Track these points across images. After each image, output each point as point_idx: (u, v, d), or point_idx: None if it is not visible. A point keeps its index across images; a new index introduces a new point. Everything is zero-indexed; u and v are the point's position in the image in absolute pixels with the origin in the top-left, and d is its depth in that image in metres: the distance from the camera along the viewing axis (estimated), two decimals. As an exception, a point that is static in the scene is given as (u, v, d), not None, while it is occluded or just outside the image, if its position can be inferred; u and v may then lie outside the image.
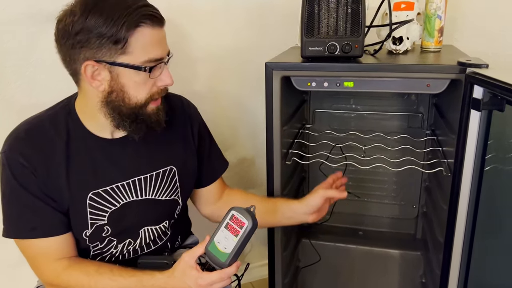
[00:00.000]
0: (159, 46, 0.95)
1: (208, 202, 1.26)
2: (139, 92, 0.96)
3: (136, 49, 0.91)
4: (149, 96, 0.97)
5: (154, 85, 0.97)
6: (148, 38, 0.92)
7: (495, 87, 0.86)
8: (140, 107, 0.97)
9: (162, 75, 0.97)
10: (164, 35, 0.97)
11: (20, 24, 1.26)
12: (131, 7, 0.89)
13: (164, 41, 0.98)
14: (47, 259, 1.00)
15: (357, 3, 1.05)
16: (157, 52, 0.94)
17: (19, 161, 0.95)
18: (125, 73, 0.93)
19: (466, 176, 1.04)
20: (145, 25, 0.90)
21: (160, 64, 0.96)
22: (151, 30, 0.92)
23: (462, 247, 1.10)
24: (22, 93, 1.31)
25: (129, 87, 0.94)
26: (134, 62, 0.92)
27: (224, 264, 0.91)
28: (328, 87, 1.11)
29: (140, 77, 0.94)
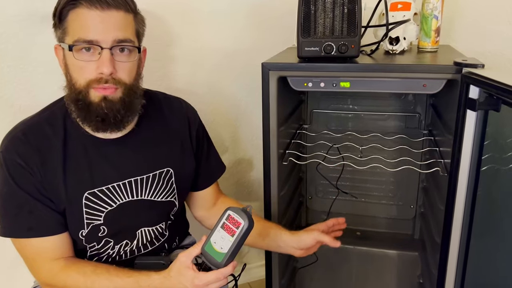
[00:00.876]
0: (92, 28, 0.91)
1: (202, 206, 1.26)
2: (79, 76, 0.94)
3: (72, 29, 0.92)
4: (87, 82, 0.94)
5: (93, 71, 0.93)
6: (81, 18, 0.91)
7: (490, 87, 0.86)
8: (80, 92, 0.94)
9: (100, 60, 0.93)
10: (107, 19, 0.92)
11: (17, 25, 1.26)
12: None
13: (105, 25, 0.92)
14: (43, 259, 1.00)
15: (353, 3, 1.06)
16: (86, 33, 0.91)
17: (16, 161, 0.95)
18: (68, 55, 0.94)
19: (463, 176, 1.04)
20: (81, 6, 0.90)
21: (92, 47, 0.92)
22: (87, 11, 0.90)
23: (459, 247, 1.10)
24: (19, 94, 1.31)
25: (71, 69, 0.94)
26: (68, 42, 0.92)
27: (221, 264, 0.91)
28: (325, 87, 1.11)
29: (73, 59, 0.93)
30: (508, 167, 0.99)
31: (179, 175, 1.14)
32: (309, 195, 1.76)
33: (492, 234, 1.08)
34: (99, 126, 0.97)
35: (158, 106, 1.13)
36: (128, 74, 0.97)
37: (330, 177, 1.68)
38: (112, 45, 0.93)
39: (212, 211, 1.26)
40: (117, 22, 0.94)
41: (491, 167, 1.03)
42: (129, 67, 0.97)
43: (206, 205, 1.26)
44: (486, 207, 1.06)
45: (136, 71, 1.01)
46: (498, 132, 1.00)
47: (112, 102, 0.95)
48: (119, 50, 0.95)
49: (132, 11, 0.98)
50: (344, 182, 1.68)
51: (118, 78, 0.95)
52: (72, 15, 0.92)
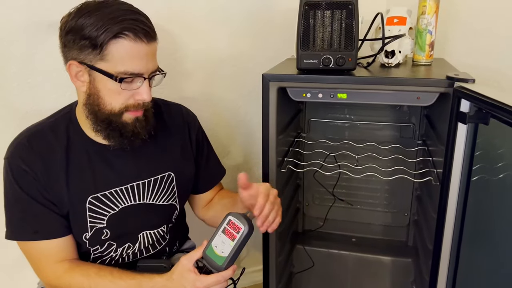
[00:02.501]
0: (139, 61, 0.95)
1: (204, 207, 1.30)
2: (114, 100, 0.97)
3: (114, 58, 0.93)
4: (124, 107, 0.98)
5: (131, 97, 0.98)
6: (127, 50, 0.93)
7: (480, 102, 0.90)
8: (114, 115, 0.98)
9: (141, 89, 0.98)
10: (149, 52, 0.97)
11: (22, 33, 1.29)
12: (118, 18, 0.91)
13: (148, 57, 0.97)
14: (48, 261, 1.03)
15: (350, 19, 1.09)
16: (134, 66, 0.95)
17: (21, 166, 0.99)
18: (101, 79, 0.96)
19: (454, 185, 1.07)
20: (126, 37, 0.92)
21: (136, 78, 0.96)
22: (132, 44, 0.93)
23: (450, 254, 1.13)
24: (24, 100, 1.33)
25: (104, 93, 0.97)
26: (110, 70, 0.94)
27: (221, 267, 0.94)
28: (323, 98, 1.15)
29: (113, 86, 0.95)
30: (498, 177, 1.02)
31: (180, 179, 1.17)
32: (306, 202, 1.79)
33: (482, 242, 1.10)
34: (130, 142, 1.04)
35: (158, 112, 1.17)
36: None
37: (326, 185, 1.71)
38: (150, 76, 0.99)
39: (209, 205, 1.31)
40: (153, 53, 0.99)
41: (482, 177, 1.06)
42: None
43: (208, 205, 1.30)
44: (477, 216, 1.08)
45: None
46: (489, 144, 1.03)
47: (141, 121, 1.02)
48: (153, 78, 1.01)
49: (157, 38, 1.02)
50: (340, 190, 1.72)
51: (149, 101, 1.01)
52: (116, 45, 0.92)
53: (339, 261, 1.68)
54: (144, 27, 0.94)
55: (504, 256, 0.99)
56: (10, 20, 1.28)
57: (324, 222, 1.75)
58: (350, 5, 1.09)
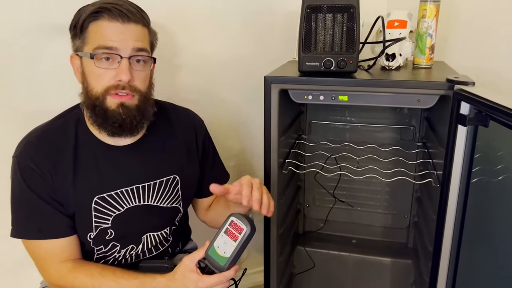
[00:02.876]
0: (112, 37, 0.97)
1: (206, 210, 1.32)
2: (96, 83, 0.99)
3: (92, 38, 0.97)
4: (105, 89, 0.98)
5: (112, 78, 0.98)
6: (102, 29, 0.96)
7: (479, 104, 0.91)
8: (98, 99, 0.99)
9: (118, 68, 0.98)
10: (126, 31, 0.98)
11: (26, 35, 1.31)
12: (97, 3, 0.97)
13: (125, 36, 0.98)
14: (53, 260, 1.04)
15: (352, 22, 1.11)
16: (107, 42, 0.96)
17: (29, 165, 1.00)
18: (86, 64, 0.99)
19: (454, 187, 1.08)
20: (102, 18, 0.96)
21: (114, 56, 0.97)
22: (108, 23, 0.96)
23: (449, 256, 1.13)
24: (30, 101, 1.35)
25: (90, 78, 0.99)
26: (88, 50, 0.97)
27: (223, 268, 0.95)
28: (324, 100, 1.16)
29: (93, 67, 0.97)
30: (497, 179, 1.03)
31: (185, 182, 1.18)
32: (306, 203, 1.80)
33: (482, 244, 1.11)
34: (115, 131, 1.02)
35: (166, 115, 1.18)
36: (143, 82, 1.03)
37: (327, 186, 1.72)
38: (131, 55, 0.98)
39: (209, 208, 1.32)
40: (135, 33, 0.99)
41: (482, 179, 1.07)
42: (144, 76, 1.03)
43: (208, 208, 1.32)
44: (476, 217, 1.09)
45: (149, 80, 1.06)
46: (489, 146, 1.04)
47: (128, 108, 1.00)
48: (136, 60, 1.00)
49: (147, 25, 1.04)
50: (341, 191, 1.73)
51: (134, 85, 1.00)
52: (93, 26, 0.97)
53: (339, 262, 1.69)
54: (121, 8, 0.97)
55: (504, 258, 0.99)
56: (15, 23, 1.29)
57: (324, 224, 1.75)
58: (352, 8, 1.10)
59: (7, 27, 1.28)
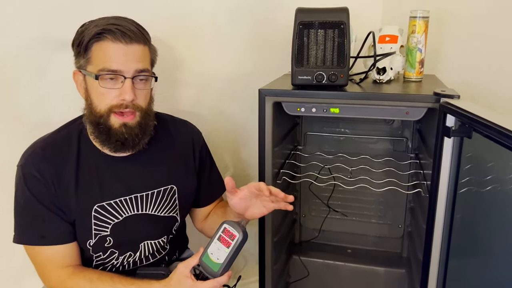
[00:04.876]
0: (117, 60, 1.01)
1: (203, 220, 1.35)
2: (100, 102, 1.03)
3: (96, 59, 1.01)
4: (109, 108, 1.03)
5: (116, 97, 1.03)
6: (105, 49, 1.01)
7: (462, 117, 0.95)
8: (102, 117, 1.03)
9: (122, 88, 1.02)
10: (129, 52, 1.02)
11: (34, 48, 1.35)
12: (100, 23, 1.01)
13: (128, 57, 1.02)
14: (53, 266, 1.08)
15: (342, 37, 1.15)
16: (111, 64, 1.01)
17: (34, 174, 1.04)
18: (90, 83, 1.03)
19: (441, 196, 1.11)
20: (105, 39, 1.00)
21: (117, 77, 1.01)
22: (110, 44, 1.00)
23: (438, 265, 1.16)
24: (35, 112, 1.39)
25: (93, 96, 1.04)
26: (92, 70, 1.01)
27: (217, 273, 0.98)
28: (316, 112, 1.20)
29: (97, 86, 1.02)
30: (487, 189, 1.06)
31: (182, 192, 1.22)
32: (302, 213, 1.83)
33: (471, 253, 1.13)
34: (118, 148, 1.08)
35: (165, 127, 1.22)
36: (144, 99, 1.08)
37: (322, 196, 1.75)
38: (133, 75, 1.03)
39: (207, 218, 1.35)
40: (137, 54, 1.04)
41: (471, 189, 1.09)
42: (145, 94, 1.08)
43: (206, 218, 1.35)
44: (466, 227, 1.12)
45: (150, 96, 1.11)
46: (479, 157, 1.06)
47: (131, 127, 1.05)
48: (139, 79, 1.05)
49: (148, 43, 1.08)
50: (336, 202, 1.76)
51: (137, 104, 1.05)
52: (97, 47, 1.01)
53: (334, 272, 1.70)
54: (124, 29, 1.01)
55: (493, 268, 1.01)
56: (21, 35, 1.34)
57: (319, 233, 1.78)
58: (342, 24, 1.14)
59: (14, 39, 1.33)
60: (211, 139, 1.69)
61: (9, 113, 1.37)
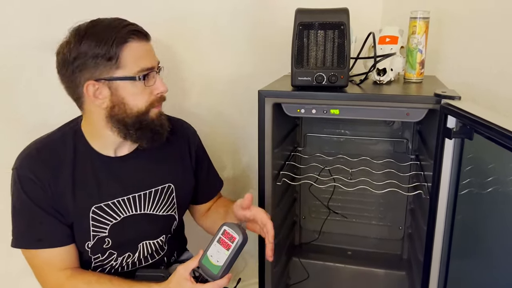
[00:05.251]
0: (148, 57, 1.04)
1: (203, 215, 1.36)
2: (138, 101, 1.04)
3: (128, 62, 1.00)
4: (149, 104, 1.06)
5: (151, 94, 1.06)
6: (136, 51, 1.01)
7: (463, 118, 0.94)
8: (142, 114, 1.05)
9: (156, 83, 1.06)
10: (150, 48, 1.07)
11: (31, 50, 1.35)
12: (117, 27, 1.00)
13: (152, 53, 1.07)
14: (51, 269, 1.07)
15: (342, 38, 1.14)
16: (146, 62, 1.03)
17: (29, 176, 1.03)
18: (122, 86, 1.02)
19: (442, 198, 1.10)
20: (132, 40, 1.00)
21: (151, 73, 1.05)
22: (138, 44, 1.02)
23: (439, 266, 1.15)
24: (32, 114, 1.38)
25: (128, 98, 1.03)
26: (129, 74, 1.01)
27: (217, 276, 0.98)
28: (316, 113, 1.19)
29: (136, 87, 1.03)
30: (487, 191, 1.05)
31: (180, 190, 1.22)
32: (302, 215, 1.82)
33: (471, 255, 1.13)
34: (155, 138, 1.10)
35: None
36: None
37: (322, 198, 1.75)
38: (158, 69, 1.08)
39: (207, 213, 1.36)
40: (153, 49, 1.08)
41: (472, 191, 1.09)
42: None
43: (206, 214, 1.36)
44: (467, 228, 1.11)
45: None
46: (480, 159, 1.06)
47: (163, 114, 1.12)
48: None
49: None
50: (336, 203, 1.75)
51: None
52: (126, 49, 1.00)
53: (334, 274, 1.70)
54: (140, 28, 1.04)
55: (492, 269, 1.01)
56: (21, 39, 1.33)
57: (319, 235, 1.78)
58: (342, 25, 1.14)
59: (13, 39, 1.33)
60: (209, 141, 1.69)
61: (7, 114, 1.37)
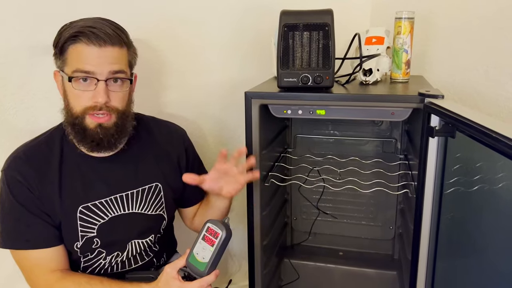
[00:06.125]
0: (89, 61, 1.02)
1: (192, 218, 1.37)
2: (76, 103, 1.04)
3: (71, 60, 1.02)
4: (83, 109, 1.04)
5: (89, 99, 1.03)
6: (80, 52, 1.01)
7: (445, 116, 0.95)
8: (77, 118, 1.04)
9: (95, 90, 1.03)
10: (103, 55, 1.02)
11: (19, 55, 1.36)
12: (77, 26, 1.01)
13: (101, 60, 1.02)
14: (40, 270, 1.08)
15: (327, 39, 1.15)
16: (84, 65, 1.01)
17: (17, 178, 1.04)
18: (65, 82, 1.04)
19: (428, 197, 1.11)
20: (80, 41, 1.01)
21: (91, 79, 1.02)
22: (84, 46, 1.01)
23: (426, 266, 1.16)
24: (20, 119, 1.39)
25: (69, 97, 1.05)
26: (67, 71, 1.03)
27: (203, 273, 0.99)
28: (302, 114, 1.20)
29: (71, 88, 1.03)
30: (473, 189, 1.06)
31: (167, 190, 1.23)
32: (293, 216, 1.83)
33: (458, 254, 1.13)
34: (93, 148, 1.08)
35: (146, 127, 1.23)
36: (120, 102, 1.07)
37: (313, 199, 1.75)
38: (107, 77, 1.03)
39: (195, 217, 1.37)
40: (112, 56, 1.04)
41: (459, 189, 1.10)
42: (122, 96, 1.08)
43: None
44: (454, 227, 1.12)
45: (128, 98, 1.11)
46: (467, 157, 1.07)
47: (106, 128, 1.06)
48: (113, 81, 1.05)
49: (126, 45, 1.08)
50: (327, 204, 1.76)
51: (111, 106, 1.05)
52: (72, 49, 1.02)
53: (325, 274, 1.70)
54: (98, 32, 1.01)
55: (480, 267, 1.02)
56: (8, 44, 1.34)
57: (309, 235, 1.78)
58: (326, 26, 1.14)
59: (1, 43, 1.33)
60: (199, 143, 1.70)
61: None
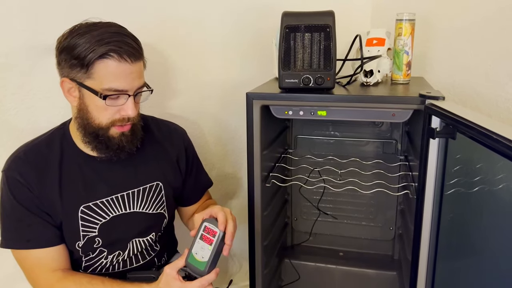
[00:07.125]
0: (122, 79, 1.02)
1: (190, 218, 1.37)
2: (101, 115, 1.04)
3: (100, 76, 1.01)
4: (110, 122, 1.05)
5: (117, 112, 1.05)
6: (111, 69, 1.00)
7: (446, 118, 0.96)
8: (101, 129, 1.05)
9: (125, 105, 1.05)
10: (134, 70, 1.03)
11: (20, 55, 1.36)
12: (105, 40, 0.99)
13: (132, 76, 1.04)
14: (42, 270, 1.08)
15: (328, 40, 1.16)
16: (118, 84, 1.02)
17: (17, 178, 1.05)
18: (88, 96, 1.03)
19: (428, 197, 1.11)
20: (111, 58, 0.99)
21: (120, 95, 1.03)
22: (116, 63, 1.00)
23: (427, 266, 1.16)
24: (20, 119, 1.39)
25: (92, 108, 1.04)
26: (95, 87, 1.01)
27: (204, 272, 1.00)
28: (303, 115, 1.21)
29: (99, 102, 1.03)
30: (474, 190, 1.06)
31: (168, 188, 1.24)
32: (294, 217, 1.83)
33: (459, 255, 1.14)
34: (117, 154, 1.10)
35: (148, 127, 1.24)
36: (138, 110, 1.11)
37: (313, 199, 1.76)
38: (136, 92, 1.06)
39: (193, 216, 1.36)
40: (139, 71, 1.06)
41: (460, 190, 1.10)
42: (139, 105, 1.11)
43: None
44: (455, 228, 1.12)
45: None
46: (468, 159, 1.07)
47: (127, 136, 1.09)
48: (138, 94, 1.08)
49: (143, 57, 1.09)
50: (328, 204, 1.76)
51: (135, 116, 1.08)
52: (102, 64, 1.00)
53: (325, 275, 1.71)
54: (129, 48, 1.01)
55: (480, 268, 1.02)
56: (9, 44, 1.34)
57: (309, 236, 1.79)
58: (328, 28, 1.15)
59: (1, 43, 1.33)
60: (201, 144, 1.71)
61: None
